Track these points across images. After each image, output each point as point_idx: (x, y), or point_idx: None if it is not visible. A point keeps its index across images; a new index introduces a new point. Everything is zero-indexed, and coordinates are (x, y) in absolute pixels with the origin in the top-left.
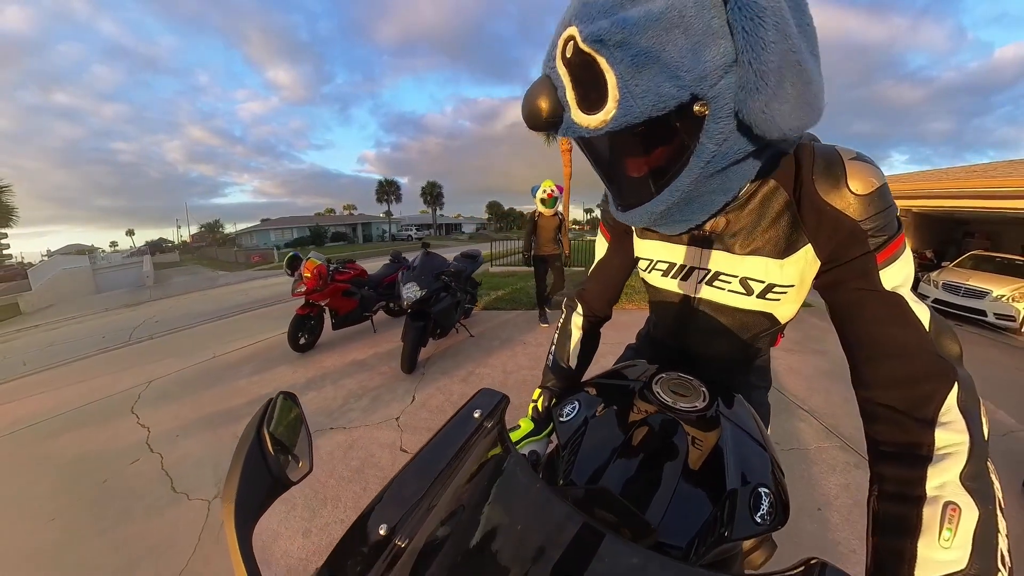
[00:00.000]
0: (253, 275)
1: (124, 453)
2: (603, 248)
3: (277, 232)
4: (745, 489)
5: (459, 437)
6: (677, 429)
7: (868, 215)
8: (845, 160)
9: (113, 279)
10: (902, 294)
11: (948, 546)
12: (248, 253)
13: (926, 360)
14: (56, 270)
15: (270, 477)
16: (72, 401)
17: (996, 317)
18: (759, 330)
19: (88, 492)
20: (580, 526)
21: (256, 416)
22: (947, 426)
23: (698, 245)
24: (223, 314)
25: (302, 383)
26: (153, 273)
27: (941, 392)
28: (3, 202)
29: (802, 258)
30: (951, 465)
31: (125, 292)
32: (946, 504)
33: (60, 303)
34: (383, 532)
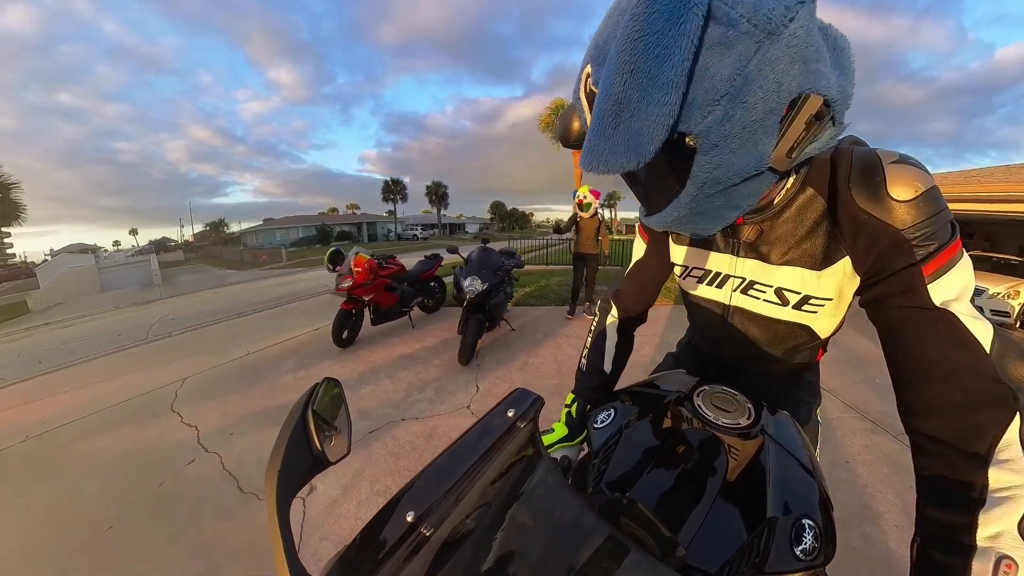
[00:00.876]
0: (263, 274)
1: (176, 453)
2: (641, 249)
3: (283, 231)
4: (787, 519)
5: (491, 435)
6: (717, 446)
7: (912, 223)
8: (885, 164)
9: (118, 278)
10: (954, 310)
11: None
12: (255, 252)
13: (981, 385)
14: (63, 268)
15: (311, 456)
16: (102, 399)
17: (992, 313)
18: (796, 343)
19: (145, 496)
20: (605, 537)
21: (302, 397)
22: (1005, 464)
23: (733, 253)
24: (241, 312)
25: (354, 377)
26: (160, 272)
27: (999, 423)
28: (11, 199)
29: (840, 271)
30: (1008, 512)
31: (133, 290)
32: (1000, 558)
33: (68, 301)
34: (410, 519)
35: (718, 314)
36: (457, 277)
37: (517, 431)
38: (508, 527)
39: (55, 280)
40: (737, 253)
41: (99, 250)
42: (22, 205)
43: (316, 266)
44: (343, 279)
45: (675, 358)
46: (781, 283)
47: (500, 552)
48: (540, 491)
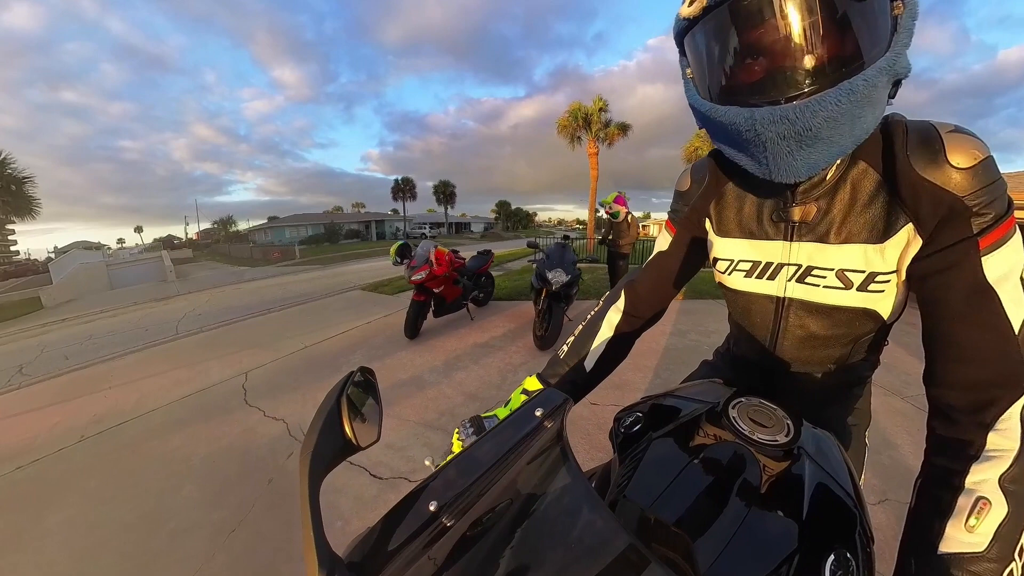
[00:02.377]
0: (278, 271)
1: (272, 448)
2: (665, 241)
3: (292, 229)
4: (820, 550)
5: (518, 433)
6: (750, 463)
7: (972, 190)
8: (942, 133)
9: (127, 275)
10: (999, 290)
11: (972, 532)
12: (266, 249)
13: (1002, 366)
14: (73, 265)
15: (342, 440)
16: (157, 396)
17: None
18: (862, 332)
19: (258, 494)
20: (626, 547)
21: (338, 384)
22: (1002, 432)
23: (787, 238)
24: (271, 308)
25: (439, 366)
26: (174, 268)
27: (1007, 399)
28: (26, 193)
29: (903, 239)
30: (994, 467)
31: (148, 287)
32: (979, 498)
33: (80, 298)
34: (432, 508)
35: (771, 310)
36: (541, 268)
37: (544, 431)
38: (528, 526)
39: (66, 277)
40: (791, 238)
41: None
42: (36, 199)
43: (332, 263)
44: (416, 271)
45: (711, 367)
46: (843, 263)
47: (518, 550)
48: (563, 494)
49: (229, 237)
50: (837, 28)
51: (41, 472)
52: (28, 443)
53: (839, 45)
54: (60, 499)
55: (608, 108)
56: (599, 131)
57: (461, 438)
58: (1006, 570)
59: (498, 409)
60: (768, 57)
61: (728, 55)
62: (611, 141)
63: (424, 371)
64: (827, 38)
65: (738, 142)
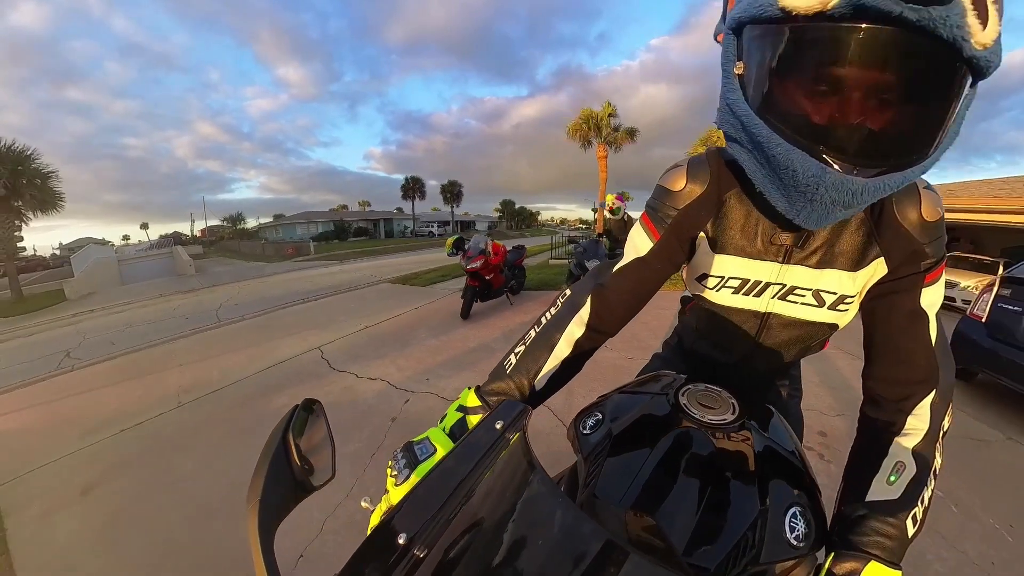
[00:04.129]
0: (296, 266)
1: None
2: (645, 246)
3: (303, 226)
4: (778, 508)
5: (480, 448)
6: (705, 444)
7: (930, 239)
8: (920, 188)
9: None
10: (928, 313)
11: (892, 485)
12: (278, 246)
13: (923, 369)
14: (90, 260)
15: (294, 482)
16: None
17: (962, 302)
18: (819, 338)
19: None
20: (603, 544)
21: (281, 423)
22: (917, 416)
23: (780, 260)
24: (306, 298)
25: (499, 337)
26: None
27: (923, 393)
28: (50, 187)
29: (872, 270)
30: (909, 440)
31: (167, 280)
32: (898, 462)
33: (100, 291)
34: (402, 541)
35: (752, 323)
36: (580, 259)
37: (506, 443)
38: (505, 541)
39: (85, 271)
40: (784, 260)
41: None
42: (61, 193)
43: (347, 259)
44: (473, 260)
45: (662, 359)
46: (820, 285)
47: (498, 567)
48: (534, 502)
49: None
50: (935, 110)
51: (152, 431)
52: (118, 412)
53: (929, 128)
54: (184, 451)
55: (617, 114)
56: (608, 135)
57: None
58: (911, 512)
59: (430, 430)
60: (859, 109)
61: (817, 81)
62: (619, 145)
63: (488, 341)
64: (924, 117)
65: (781, 178)
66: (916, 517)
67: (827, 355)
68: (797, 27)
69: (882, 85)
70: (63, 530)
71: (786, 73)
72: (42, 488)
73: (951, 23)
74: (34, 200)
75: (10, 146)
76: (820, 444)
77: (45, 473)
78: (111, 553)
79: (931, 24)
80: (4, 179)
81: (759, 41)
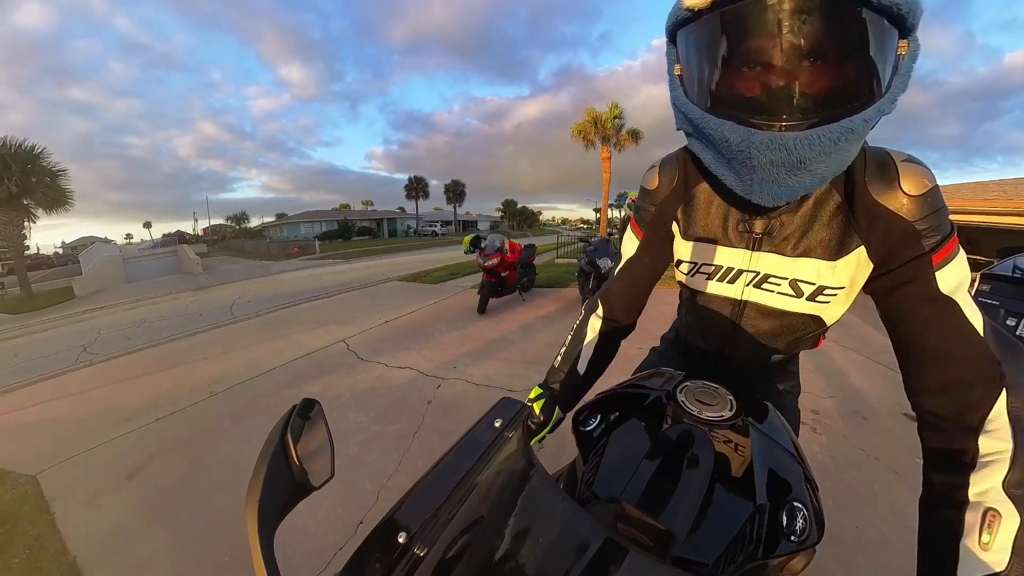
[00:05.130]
0: (303, 264)
1: (414, 385)
2: (632, 246)
3: (306, 225)
4: (777, 504)
5: (479, 446)
6: (703, 440)
7: (921, 215)
8: (897, 162)
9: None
10: (956, 299)
11: (988, 549)
12: (283, 245)
13: (975, 366)
14: (97, 258)
15: (292, 482)
16: (264, 361)
17: None
18: (804, 332)
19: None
20: (603, 542)
21: (279, 423)
22: (992, 433)
23: (749, 247)
24: (320, 295)
25: (516, 329)
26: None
27: (988, 398)
28: (60, 185)
29: (854, 260)
30: (993, 472)
31: (175, 278)
32: (986, 510)
33: (107, 289)
34: (402, 540)
35: (729, 310)
36: (591, 257)
37: (505, 440)
38: (505, 540)
39: (92, 269)
40: (754, 247)
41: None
42: (70, 191)
43: (353, 258)
44: (490, 257)
45: (660, 354)
46: (797, 275)
47: (498, 566)
48: (533, 500)
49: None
50: (854, 61)
51: (189, 419)
52: (150, 402)
53: (852, 80)
54: (222, 436)
55: (622, 116)
56: (612, 136)
57: None
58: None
59: None
60: (776, 74)
61: (732, 61)
62: (623, 147)
63: (506, 333)
64: (843, 70)
65: (725, 157)
66: None
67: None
68: (704, 20)
69: (789, 48)
70: (112, 513)
71: (707, 59)
72: (86, 474)
73: None
74: (45, 198)
75: (20, 144)
76: (812, 420)
77: (87, 460)
78: (162, 530)
79: None
80: (16, 177)
81: (684, 41)
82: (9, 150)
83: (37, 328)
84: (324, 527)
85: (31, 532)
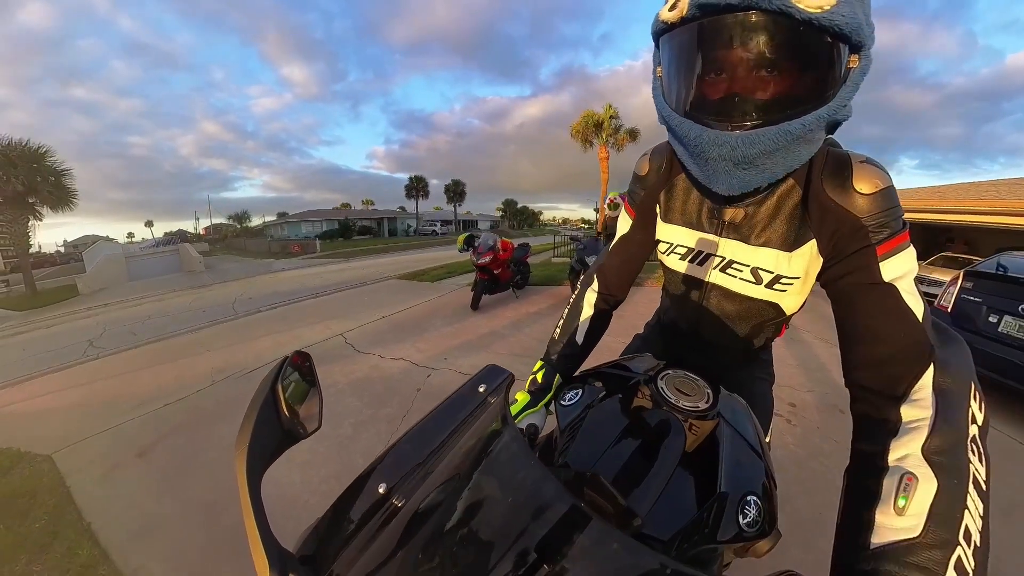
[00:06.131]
0: (304, 263)
1: (405, 374)
2: (626, 224)
3: (307, 224)
4: (735, 494)
5: (462, 409)
6: (677, 426)
7: (871, 213)
8: (854, 162)
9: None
10: (898, 285)
11: (903, 513)
12: (284, 244)
13: (908, 344)
14: (100, 257)
15: (281, 430)
16: (264, 354)
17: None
18: (765, 318)
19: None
20: (569, 507)
21: (271, 372)
22: (915, 402)
23: (717, 233)
24: (320, 292)
25: (507, 324)
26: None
27: (916, 372)
28: (64, 184)
29: (808, 252)
30: (913, 438)
31: (177, 276)
32: (904, 474)
33: (111, 286)
34: (382, 491)
35: (697, 291)
36: (580, 255)
37: (487, 406)
38: (477, 498)
39: (96, 267)
40: (721, 233)
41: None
42: (74, 190)
43: (353, 257)
44: (483, 256)
45: (643, 339)
46: (757, 263)
47: (469, 521)
48: (507, 463)
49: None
50: (792, 71)
51: (193, 405)
52: (157, 390)
53: (789, 87)
54: (224, 419)
55: (619, 116)
56: (609, 136)
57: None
58: (952, 558)
59: (518, 392)
60: (726, 82)
61: (694, 69)
62: (620, 146)
63: (498, 328)
64: (781, 78)
65: (685, 147)
66: (964, 568)
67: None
68: (676, 31)
69: (740, 60)
70: (125, 486)
71: (677, 66)
72: (99, 453)
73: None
74: (51, 197)
75: (26, 144)
76: (788, 412)
77: (98, 441)
78: (174, 497)
79: (756, 4)
80: (22, 177)
81: (662, 47)
82: (14, 150)
83: (43, 324)
84: (318, 497)
85: (49, 502)
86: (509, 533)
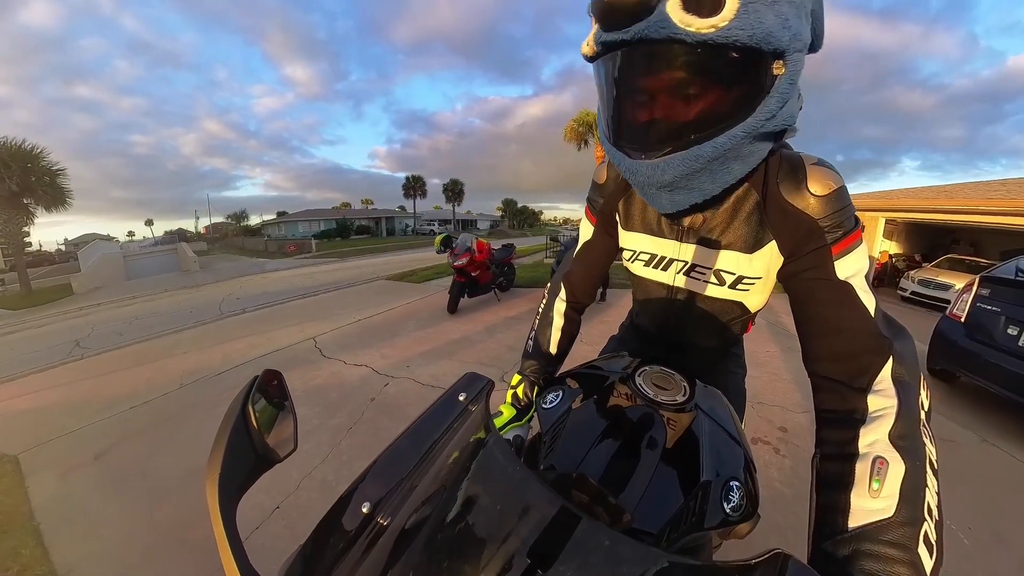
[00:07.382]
0: (297, 263)
1: (365, 382)
2: (588, 231)
3: (305, 224)
4: (718, 482)
5: (444, 420)
6: (657, 421)
7: (825, 213)
8: (807, 165)
9: (141, 266)
10: (852, 283)
11: (878, 496)
12: (281, 243)
13: (866, 338)
14: (96, 255)
15: (254, 455)
16: (236, 356)
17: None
18: (731, 317)
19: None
20: (558, 509)
21: (240, 394)
22: (879, 393)
23: (678, 239)
24: (307, 293)
25: (482, 330)
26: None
27: (877, 364)
28: (58, 184)
29: (768, 253)
30: (880, 425)
31: (172, 276)
32: (875, 458)
33: (106, 286)
34: (366, 510)
35: (664, 294)
36: (561, 256)
37: (469, 415)
38: (464, 508)
39: (91, 266)
40: (681, 239)
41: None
42: (69, 190)
43: (348, 257)
44: (459, 257)
45: (618, 340)
46: (719, 265)
47: (458, 533)
48: (493, 470)
49: (241, 231)
50: (701, 94)
51: (157, 408)
52: (130, 392)
53: (700, 110)
54: (182, 423)
55: None
56: None
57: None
58: (920, 533)
59: (502, 405)
60: (639, 111)
61: (610, 100)
62: None
63: (470, 334)
64: (689, 102)
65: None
66: (930, 540)
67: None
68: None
69: (646, 89)
70: (78, 486)
71: (599, 96)
72: (60, 455)
73: (656, 28)
74: (45, 197)
75: (20, 145)
76: (778, 440)
77: (63, 443)
78: (119, 500)
79: (645, 35)
80: (16, 177)
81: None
82: (9, 150)
83: (34, 324)
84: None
85: (6, 502)
86: (500, 541)
